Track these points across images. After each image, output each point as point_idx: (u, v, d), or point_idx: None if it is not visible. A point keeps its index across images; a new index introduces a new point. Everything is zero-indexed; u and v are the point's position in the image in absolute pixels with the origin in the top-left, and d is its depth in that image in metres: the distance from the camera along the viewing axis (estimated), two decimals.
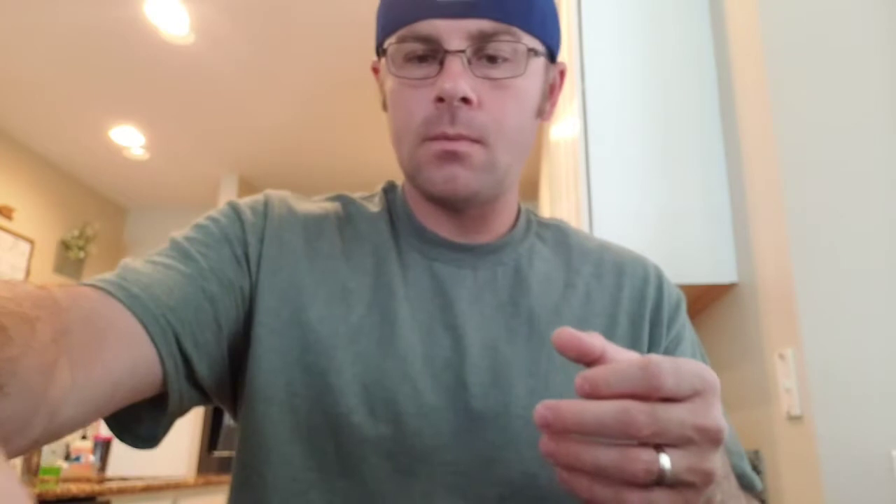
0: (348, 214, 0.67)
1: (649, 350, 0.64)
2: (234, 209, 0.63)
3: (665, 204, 1.43)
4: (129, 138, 4.52)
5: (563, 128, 2.08)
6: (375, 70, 0.65)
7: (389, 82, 0.60)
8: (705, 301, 1.52)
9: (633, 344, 0.63)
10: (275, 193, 0.67)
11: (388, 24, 0.59)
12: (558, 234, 0.70)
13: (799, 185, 1.11)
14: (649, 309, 0.65)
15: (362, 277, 0.61)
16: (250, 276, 0.59)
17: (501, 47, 0.57)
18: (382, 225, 0.65)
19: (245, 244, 0.60)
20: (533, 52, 0.58)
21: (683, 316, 0.68)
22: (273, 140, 4.50)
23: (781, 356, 1.12)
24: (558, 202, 2.29)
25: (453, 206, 0.61)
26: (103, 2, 3.10)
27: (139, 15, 3.18)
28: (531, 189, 4.77)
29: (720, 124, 1.46)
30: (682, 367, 0.36)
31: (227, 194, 5.13)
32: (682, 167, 1.45)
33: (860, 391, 1.01)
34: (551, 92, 0.66)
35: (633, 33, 1.54)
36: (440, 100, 0.55)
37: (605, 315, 0.64)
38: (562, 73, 0.66)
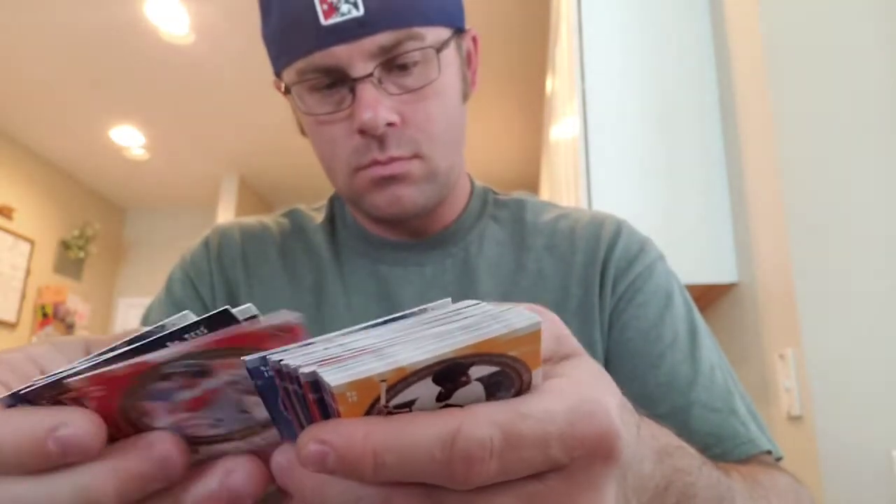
0: (296, 229, 0.67)
1: (600, 316, 0.59)
2: (184, 269, 0.65)
3: (665, 204, 1.43)
4: (129, 138, 4.53)
5: (563, 128, 2.08)
6: (278, 88, 0.60)
7: (303, 116, 0.58)
8: (705, 301, 1.52)
9: (584, 315, 0.58)
10: (216, 230, 0.68)
11: (282, 51, 0.56)
12: (515, 212, 0.67)
13: (799, 186, 1.11)
14: (599, 268, 0.60)
15: (304, 296, 0.62)
16: None
17: (409, 55, 0.53)
18: (322, 237, 0.65)
19: (200, 298, 0.63)
20: (443, 45, 0.55)
21: (647, 267, 0.61)
22: (273, 140, 4.50)
23: (781, 356, 1.12)
24: (558, 202, 2.28)
25: (401, 222, 0.61)
26: (103, 2, 3.10)
27: (139, 15, 3.18)
28: (531, 189, 4.77)
29: (720, 124, 1.46)
30: (531, 430, 0.20)
31: (227, 194, 5.13)
32: (682, 167, 1.45)
33: (860, 391, 1.01)
34: (468, 62, 0.62)
35: (633, 33, 1.54)
36: (363, 132, 0.53)
37: (558, 290, 0.60)
38: (474, 40, 0.63)
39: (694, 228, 1.41)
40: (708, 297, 1.49)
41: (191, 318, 0.23)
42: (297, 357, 0.21)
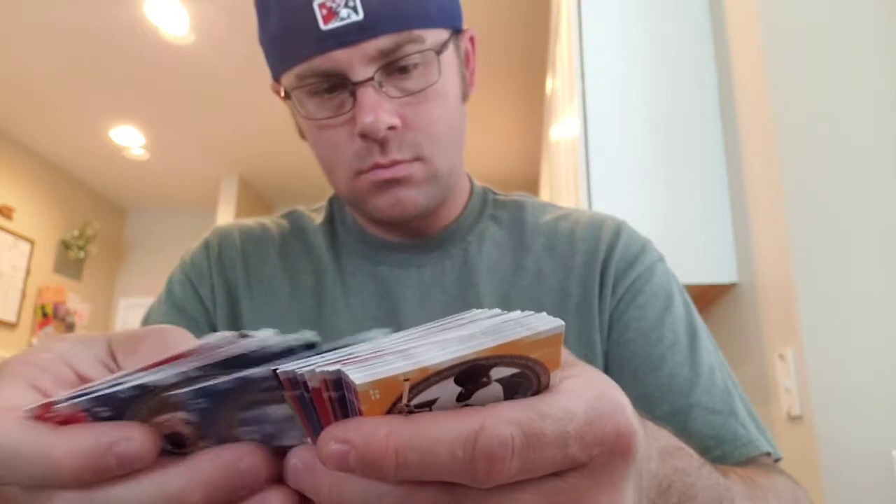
0: (295, 230, 0.67)
1: (599, 316, 0.59)
2: (184, 270, 0.65)
3: (665, 204, 1.43)
4: (129, 138, 4.53)
5: (563, 128, 2.08)
6: (276, 92, 0.60)
7: (303, 120, 0.58)
8: (705, 301, 1.52)
9: (583, 316, 0.59)
10: (215, 232, 0.68)
11: (281, 56, 0.56)
12: (514, 212, 0.67)
13: (799, 186, 1.11)
14: (599, 269, 0.60)
15: (304, 297, 0.62)
16: (213, 328, 0.62)
17: (409, 58, 0.53)
18: (321, 238, 0.65)
19: (200, 300, 0.63)
20: (442, 47, 0.55)
21: (647, 268, 0.61)
22: (273, 140, 4.50)
23: (781, 356, 1.12)
24: (558, 202, 2.29)
25: (402, 224, 0.61)
26: (103, 2, 3.10)
27: (139, 15, 3.18)
28: (531, 189, 4.77)
29: (720, 124, 1.46)
30: (551, 429, 0.21)
31: (227, 194, 5.13)
32: (682, 167, 1.45)
33: (860, 391, 1.01)
34: (467, 62, 0.62)
35: (633, 33, 1.54)
36: (364, 135, 0.53)
37: (557, 290, 0.60)
38: (472, 40, 0.63)
39: (694, 228, 1.41)
40: (708, 297, 1.49)
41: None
42: (307, 363, 0.21)
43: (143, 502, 0.22)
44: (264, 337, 0.23)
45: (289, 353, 0.23)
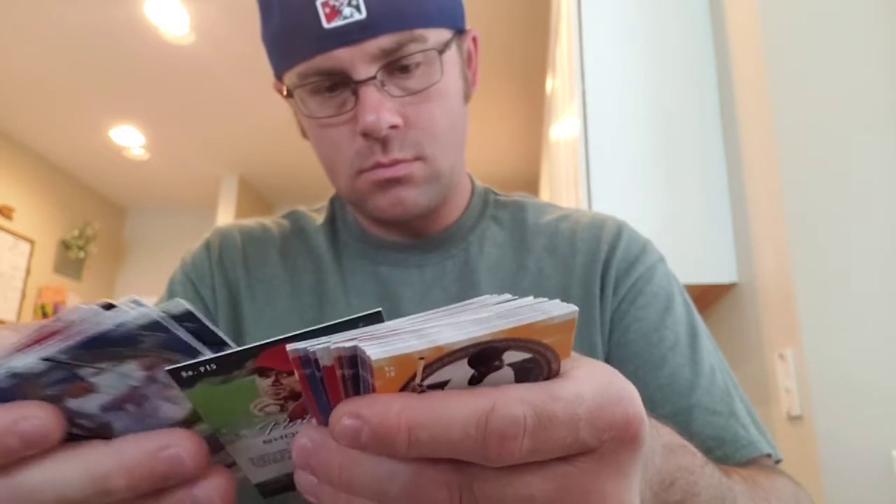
0: (296, 230, 0.67)
1: (601, 317, 0.59)
2: (185, 271, 0.65)
3: (665, 204, 1.43)
4: (129, 138, 4.52)
5: (563, 128, 2.08)
6: (279, 91, 0.60)
7: (304, 119, 0.58)
8: (705, 301, 1.52)
9: (585, 317, 0.58)
10: (216, 232, 0.68)
11: (284, 55, 0.56)
12: (515, 213, 0.67)
13: (799, 186, 1.11)
14: (600, 270, 0.60)
15: (305, 297, 0.62)
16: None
17: (411, 57, 0.53)
18: (322, 238, 0.65)
19: (201, 300, 0.63)
20: (444, 47, 0.55)
21: (648, 269, 0.61)
22: (273, 140, 4.50)
23: (781, 356, 1.12)
24: (558, 202, 2.28)
25: (403, 223, 0.61)
26: (103, 2, 3.09)
27: (139, 15, 3.18)
28: (531, 189, 4.77)
29: (720, 124, 1.46)
30: (562, 411, 0.21)
31: (227, 194, 5.13)
32: (682, 167, 1.45)
33: (860, 391, 1.01)
34: (469, 62, 0.62)
35: (633, 34, 1.54)
36: (366, 135, 0.53)
37: (558, 291, 0.60)
38: (474, 40, 0.63)
39: (694, 229, 1.41)
40: (708, 297, 1.49)
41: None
42: (319, 341, 0.22)
43: (66, 485, 0.21)
44: (121, 311, 0.22)
45: (155, 326, 0.22)
